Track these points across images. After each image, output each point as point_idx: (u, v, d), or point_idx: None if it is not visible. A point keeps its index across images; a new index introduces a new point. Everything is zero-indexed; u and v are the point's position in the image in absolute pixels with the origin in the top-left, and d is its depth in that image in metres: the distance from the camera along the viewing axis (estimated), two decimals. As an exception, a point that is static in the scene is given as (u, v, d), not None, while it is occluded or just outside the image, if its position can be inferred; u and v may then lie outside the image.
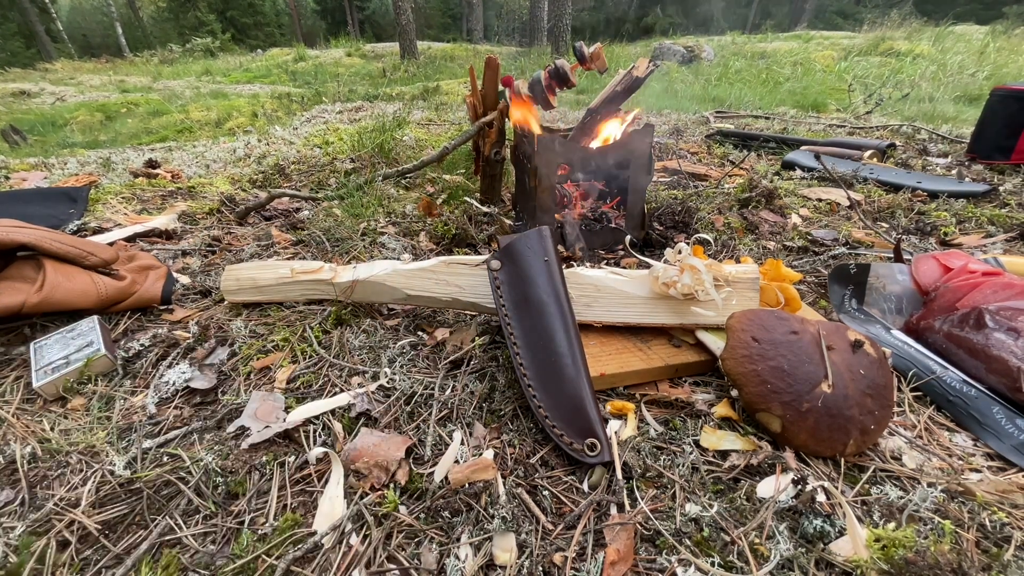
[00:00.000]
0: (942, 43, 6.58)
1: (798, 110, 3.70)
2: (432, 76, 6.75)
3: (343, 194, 1.56)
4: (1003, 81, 3.62)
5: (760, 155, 2.33)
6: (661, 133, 2.79)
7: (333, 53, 10.21)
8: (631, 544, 0.51)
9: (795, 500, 0.55)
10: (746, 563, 0.49)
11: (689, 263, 0.76)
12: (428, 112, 3.63)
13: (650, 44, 8.57)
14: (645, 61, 1.20)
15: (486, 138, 1.39)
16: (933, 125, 2.89)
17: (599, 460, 0.60)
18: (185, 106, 5.02)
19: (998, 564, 0.49)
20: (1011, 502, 0.56)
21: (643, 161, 1.17)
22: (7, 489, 0.60)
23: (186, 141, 3.02)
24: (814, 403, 0.61)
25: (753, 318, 0.70)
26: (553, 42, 8.73)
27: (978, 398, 0.70)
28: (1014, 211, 1.46)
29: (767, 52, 7.53)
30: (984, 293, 0.81)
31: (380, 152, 2.06)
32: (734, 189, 1.64)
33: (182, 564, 0.51)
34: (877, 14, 10.36)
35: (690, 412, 0.70)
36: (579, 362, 0.68)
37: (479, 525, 0.54)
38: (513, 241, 0.80)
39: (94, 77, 8.84)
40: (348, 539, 0.53)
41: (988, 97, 1.97)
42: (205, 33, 17.61)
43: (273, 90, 6.07)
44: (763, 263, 0.95)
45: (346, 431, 0.68)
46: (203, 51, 12.81)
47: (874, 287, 0.95)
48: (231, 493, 0.60)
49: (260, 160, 2.13)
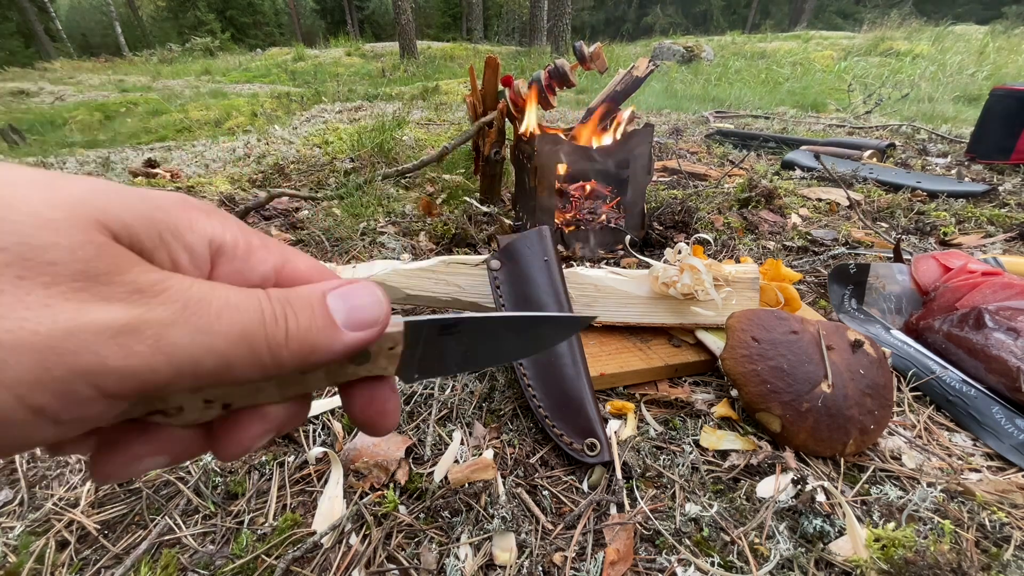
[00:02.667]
0: (942, 43, 6.59)
1: (798, 110, 3.70)
2: (432, 76, 6.75)
3: (343, 194, 1.56)
4: (1003, 81, 3.62)
5: (760, 155, 2.33)
6: (661, 133, 2.79)
7: (332, 53, 10.21)
8: (631, 544, 0.51)
9: (795, 500, 0.55)
10: (746, 563, 0.49)
11: (689, 263, 0.76)
12: (428, 112, 3.63)
13: (650, 44, 8.58)
14: (645, 61, 1.20)
15: (486, 138, 1.39)
16: (932, 125, 2.89)
17: (599, 460, 0.60)
18: (184, 106, 5.02)
19: (998, 564, 0.49)
20: (1010, 502, 0.56)
21: (643, 161, 1.17)
22: (6, 489, 0.60)
23: (185, 141, 3.02)
24: (814, 403, 0.61)
25: (753, 318, 0.70)
26: (553, 42, 8.74)
27: (977, 398, 0.70)
28: (1013, 211, 1.46)
29: (767, 52, 7.54)
30: (983, 293, 0.81)
31: (380, 152, 2.06)
32: (734, 189, 1.64)
33: (181, 564, 0.51)
34: (877, 14, 10.37)
35: (690, 412, 0.70)
36: (579, 362, 0.68)
37: (479, 525, 0.54)
38: (513, 241, 0.80)
39: (93, 76, 8.83)
40: (348, 539, 0.53)
41: (988, 97, 1.98)
42: (204, 32, 17.61)
43: (272, 90, 6.06)
44: (763, 263, 0.95)
45: (346, 431, 0.68)
46: (202, 50, 12.81)
47: (874, 287, 0.95)
48: (230, 493, 0.59)
49: (259, 160, 2.13)
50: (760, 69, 6.01)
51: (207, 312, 0.17)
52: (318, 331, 0.19)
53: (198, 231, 0.19)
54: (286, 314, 0.18)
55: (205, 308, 0.17)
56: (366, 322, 0.20)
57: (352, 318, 0.20)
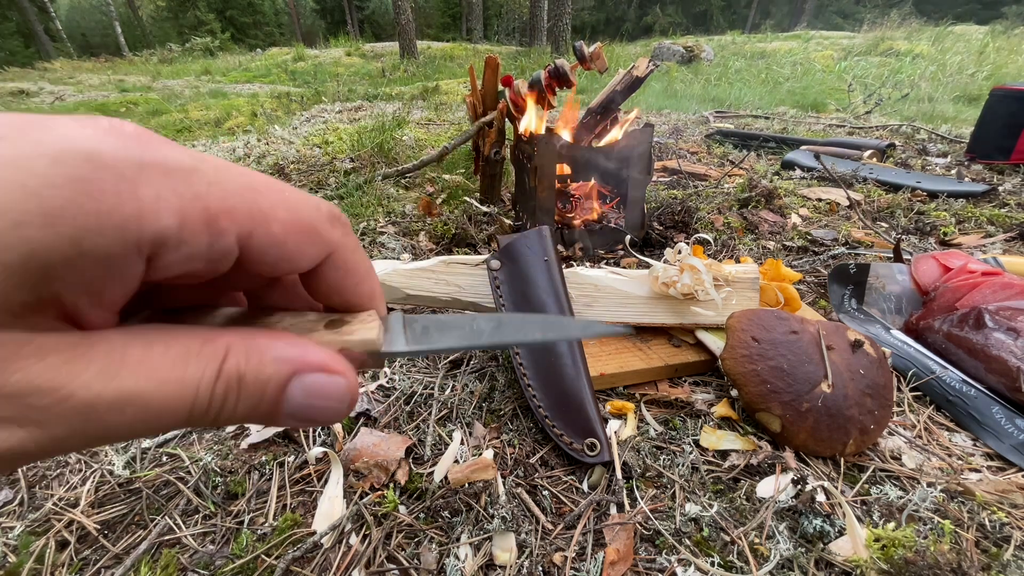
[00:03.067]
0: (942, 43, 6.60)
1: (798, 110, 3.70)
2: (432, 76, 6.75)
3: (342, 194, 1.56)
4: (1003, 81, 3.62)
5: (760, 155, 2.33)
6: (661, 133, 2.79)
7: (332, 52, 10.20)
8: (631, 544, 0.51)
9: (795, 500, 0.55)
10: (746, 563, 0.49)
11: (689, 263, 0.76)
12: (428, 112, 3.63)
13: (650, 44, 8.58)
14: (645, 61, 1.20)
15: (486, 138, 1.39)
16: (932, 125, 2.89)
17: (599, 460, 0.60)
18: (184, 105, 5.01)
19: (997, 564, 0.49)
20: (1010, 502, 0.56)
21: (643, 161, 1.17)
22: (6, 489, 0.60)
23: (185, 141, 3.02)
24: (814, 403, 0.61)
25: (753, 318, 0.70)
26: (553, 42, 8.73)
27: (977, 398, 0.70)
28: (1013, 211, 1.46)
29: (767, 52, 7.54)
30: (983, 293, 0.81)
31: (380, 152, 2.06)
32: (734, 189, 1.64)
33: (181, 564, 0.51)
34: (877, 14, 10.38)
35: (690, 412, 0.70)
36: (579, 362, 0.68)
37: (479, 525, 0.54)
38: (513, 241, 0.80)
39: (93, 76, 8.83)
40: (348, 539, 0.53)
41: (987, 97, 1.98)
42: (204, 32, 17.61)
43: (272, 89, 6.06)
44: (763, 263, 0.95)
45: (345, 431, 0.68)
46: (202, 50, 12.81)
47: (874, 287, 0.95)
48: (230, 493, 0.59)
49: (259, 160, 2.13)
50: (760, 69, 6.01)
51: (116, 415, 0.13)
52: (254, 415, 0.16)
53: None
54: (225, 399, 0.15)
55: (114, 414, 0.13)
56: (314, 420, 0.17)
57: (302, 414, 0.16)
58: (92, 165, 0.12)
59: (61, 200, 0.11)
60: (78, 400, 0.12)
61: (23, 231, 0.11)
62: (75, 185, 0.11)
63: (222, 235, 0.14)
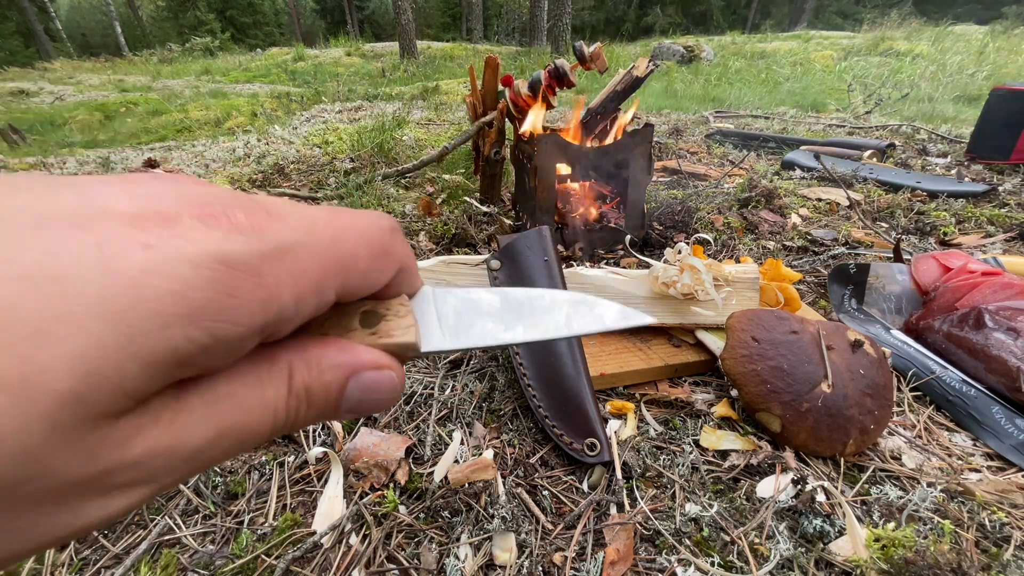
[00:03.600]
0: (941, 43, 6.60)
1: (798, 110, 3.70)
2: (432, 76, 6.75)
3: (343, 194, 1.56)
4: (1003, 81, 3.62)
5: (760, 155, 2.33)
6: (661, 133, 2.79)
7: (332, 52, 10.20)
8: (631, 544, 0.51)
9: (795, 500, 0.55)
10: (746, 563, 0.49)
11: (689, 263, 0.76)
12: (428, 112, 3.63)
13: (650, 44, 8.58)
14: (645, 61, 1.20)
15: (486, 138, 1.39)
16: (932, 125, 2.89)
17: (599, 460, 0.60)
18: (184, 105, 5.01)
19: (997, 564, 0.49)
20: (1010, 502, 0.56)
21: (643, 161, 1.17)
22: (6, 489, 0.60)
23: (185, 141, 3.02)
24: (814, 403, 0.61)
25: (753, 318, 0.70)
26: (553, 42, 8.73)
27: (977, 398, 0.70)
28: (1013, 211, 1.46)
29: (767, 52, 7.54)
30: (983, 293, 0.81)
31: (380, 152, 2.06)
32: (734, 189, 1.64)
33: (181, 564, 0.51)
34: (877, 14, 10.38)
35: (690, 412, 0.70)
36: (579, 362, 0.68)
37: (479, 525, 0.54)
38: (513, 241, 0.79)
39: (93, 76, 8.83)
40: (348, 539, 0.53)
41: (987, 97, 1.98)
42: (204, 32, 17.61)
43: (272, 89, 6.06)
44: (763, 263, 0.95)
45: (345, 431, 0.68)
46: (202, 50, 12.81)
47: (874, 287, 0.95)
48: (230, 493, 0.59)
49: (259, 160, 2.13)
50: (760, 69, 6.01)
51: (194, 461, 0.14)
52: (320, 417, 0.18)
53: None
54: (298, 410, 0.17)
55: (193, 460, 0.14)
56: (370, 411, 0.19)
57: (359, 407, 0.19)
58: (225, 266, 0.13)
59: (203, 300, 0.13)
60: (189, 449, 0.14)
61: (170, 331, 0.12)
62: (214, 286, 0.13)
63: (325, 294, 0.16)
